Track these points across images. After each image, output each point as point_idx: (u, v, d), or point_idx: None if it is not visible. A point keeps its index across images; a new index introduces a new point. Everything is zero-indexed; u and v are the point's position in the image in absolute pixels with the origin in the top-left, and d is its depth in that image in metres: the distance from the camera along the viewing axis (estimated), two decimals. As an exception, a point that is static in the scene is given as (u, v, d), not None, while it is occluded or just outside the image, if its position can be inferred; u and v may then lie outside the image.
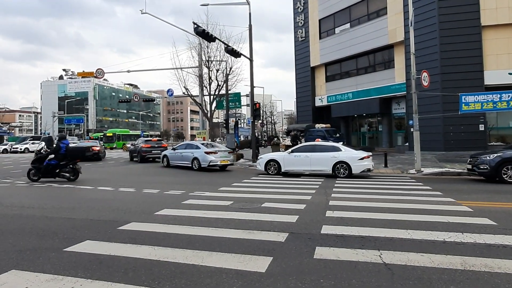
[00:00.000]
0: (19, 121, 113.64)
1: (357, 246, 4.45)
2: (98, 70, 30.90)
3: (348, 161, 12.75)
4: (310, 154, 13.54)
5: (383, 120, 26.09)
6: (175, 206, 7.23)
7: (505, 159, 10.88)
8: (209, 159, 15.98)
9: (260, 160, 14.85)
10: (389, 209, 6.76)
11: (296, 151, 14.08)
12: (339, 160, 12.87)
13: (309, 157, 13.46)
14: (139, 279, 3.45)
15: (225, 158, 16.65)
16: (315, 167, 13.41)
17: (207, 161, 15.96)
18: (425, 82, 14.18)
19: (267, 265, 3.80)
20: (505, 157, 10.93)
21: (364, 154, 13.08)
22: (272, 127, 70.22)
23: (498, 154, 11.13)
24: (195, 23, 17.38)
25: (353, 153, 13.19)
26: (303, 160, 13.56)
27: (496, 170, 10.89)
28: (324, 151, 13.38)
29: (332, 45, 27.86)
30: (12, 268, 3.73)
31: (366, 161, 12.83)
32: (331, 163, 12.95)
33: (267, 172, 14.23)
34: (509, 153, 11.11)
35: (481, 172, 11.30)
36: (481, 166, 11.26)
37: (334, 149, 13.40)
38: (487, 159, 11.17)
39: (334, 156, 13.00)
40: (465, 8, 19.65)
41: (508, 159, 10.88)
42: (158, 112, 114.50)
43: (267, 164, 14.30)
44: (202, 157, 16.22)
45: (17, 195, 9.12)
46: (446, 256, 4.05)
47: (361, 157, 12.83)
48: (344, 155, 12.97)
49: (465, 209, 6.80)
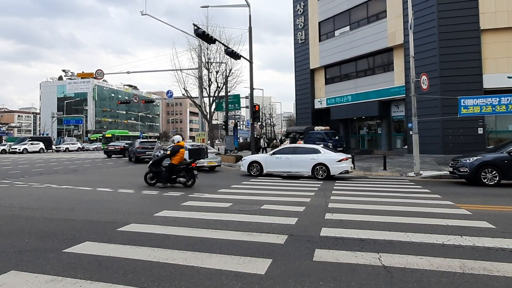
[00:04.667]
0: (18, 121, 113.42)
1: (356, 248, 4.46)
2: (98, 71, 30.93)
3: (326, 163, 13.02)
4: (291, 156, 13.78)
5: (382, 123, 26.13)
6: (174, 208, 7.24)
7: (484, 162, 11.05)
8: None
9: (243, 161, 15.04)
10: (388, 212, 6.78)
11: (278, 153, 14.30)
12: (318, 162, 13.16)
13: (289, 159, 13.70)
14: (139, 280, 3.46)
15: (211, 160, 17.01)
16: (295, 168, 13.61)
17: None
18: (424, 85, 14.22)
19: (267, 267, 3.81)
20: (484, 160, 11.09)
21: (342, 157, 13.35)
22: (272, 129, 70.26)
23: (478, 157, 11.30)
24: (195, 25, 17.42)
25: (332, 155, 13.38)
26: (284, 162, 13.78)
27: (476, 173, 11.05)
28: (304, 153, 13.62)
29: (331, 47, 27.92)
30: (11, 269, 3.73)
31: (344, 163, 13.10)
32: (311, 165, 13.21)
33: (249, 173, 14.44)
34: (489, 156, 11.28)
35: (461, 175, 11.50)
36: (461, 169, 11.44)
37: (314, 151, 13.64)
38: (467, 162, 11.34)
39: (314, 158, 13.26)
40: (464, 12, 19.73)
41: (487, 163, 11.04)
42: (157, 113, 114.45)
43: (250, 166, 14.53)
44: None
45: (16, 196, 9.10)
46: (445, 259, 4.06)
47: (339, 159, 13.09)
48: (323, 157, 13.23)
49: (463, 212, 6.82)
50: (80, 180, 12.63)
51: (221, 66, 25.70)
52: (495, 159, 11.01)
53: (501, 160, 10.91)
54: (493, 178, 10.89)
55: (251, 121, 21.53)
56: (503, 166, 10.83)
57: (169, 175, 10.72)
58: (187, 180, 10.79)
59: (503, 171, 10.83)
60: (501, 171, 10.84)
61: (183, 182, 10.75)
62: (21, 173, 15.83)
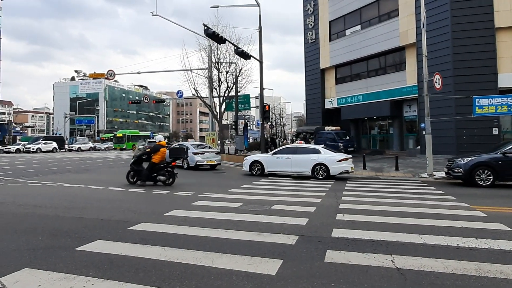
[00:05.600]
0: (32, 121, 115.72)
1: (369, 250, 4.39)
2: (109, 71, 31.31)
3: (326, 163, 13.09)
4: (291, 156, 13.87)
5: (394, 123, 25.81)
6: (184, 207, 7.26)
7: (478, 163, 10.98)
8: (196, 159, 17.11)
9: (245, 161, 15.21)
10: (401, 213, 6.67)
11: (279, 153, 14.44)
12: (318, 162, 13.22)
13: (290, 159, 13.80)
14: (150, 279, 3.46)
15: (211, 158, 17.71)
16: (296, 168, 13.71)
17: (194, 161, 17.11)
18: (438, 85, 13.98)
19: (278, 267, 3.77)
20: (478, 161, 11.03)
21: (342, 157, 13.37)
22: (281, 129, 70.11)
23: (472, 158, 11.24)
24: (205, 25, 17.47)
25: (332, 155, 13.41)
26: (284, 161, 13.90)
27: (470, 174, 10.96)
28: (305, 153, 13.69)
29: (342, 47, 27.71)
30: (25, 267, 3.78)
31: (344, 163, 13.14)
32: (311, 165, 13.28)
33: (251, 173, 14.60)
34: (483, 157, 11.20)
35: (456, 175, 11.46)
36: (456, 169, 11.39)
37: (314, 151, 13.71)
38: (461, 163, 11.29)
39: (314, 158, 13.33)
40: (478, 10, 19.35)
41: (481, 163, 10.96)
42: (167, 113, 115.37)
43: (252, 165, 14.69)
44: (190, 158, 17.18)
45: (30, 194, 9.26)
46: (460, 261, 3.97)
47: (339, 160, 13.15)
48: (323, 157, 13.28)
49: (478, 214, 6.67)
50: (92, 179, 12.79)
51: (231, 66, 25.69)
52: (489, 159, 10.92)
53: (495, 161, 10.82)
54: (487, 179, 10.81)
55: (261, 121, 21.50)
56: (498, 167, 10.72)
57: (150, 173, 10.98)
58: (167, 178, 11.04)
59: (497, 172, 10.72)
60: (495, 171, 10.73)
61: (163, 180, 10.99)
62: (35, 172, 16.11)
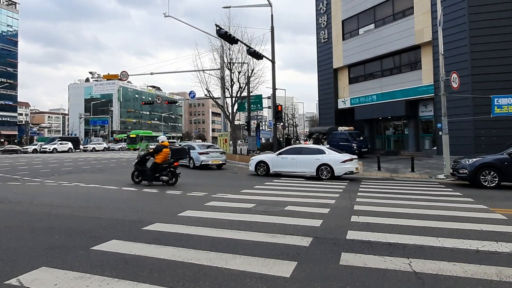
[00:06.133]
0: (48, 122, 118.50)
1: (385, 253, 4.30)
2: (123, 72, 31.71)
3: (331, 164, 13.13)
4: (296, 156, 13.99)
5: (409, 123, 25.37)
6: (198, 208, 7.27)
7: (483, 164, 10.82)
8: (201, 159, 17.67)
9: (251, 161, 15.45)
10: (417, 215, 6.52)
11: (284, 153, 14.52)
12: (322, 163, 13.27)
13: (295, 159, 13.91)
14: (164, 279, 3.46)
15: (216, 158, 18.16)
16: (300, 168, 13.78)
17: (200, 160, 17.67)
18: (455, 84, 13.67)
19: (292, 270, 3.73)
20: (483, 162, 10.87)
21: (347, 157, 13.38)
22: (294, 129, 69.87)
23: (477, 159, 11.09)
24: (218, 26, 17.53)
25: (336, 156, 13.46)
26: (289, 162, 14.01)
27: (475, 175, 10.83)
28: (309, 154, 13.78)
29: (355, 46, 27.40)
30: (42, 265, 3.84)
31: (349, 163, 13.16)
32: (315, 165, 13.33)
33: (257, 173, 14.82)
34: (488, 157, 11.03)
35: (461, 176, 11.34)
36: (461, 170, 11.25)
37: (319, 152, 13.80)
38: (466, 164, 11.14)
39: (318, 159, 13.39)
40: (496, 7, 18.84)
41: (486, 164, 10.81)
42: (180, 114, 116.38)
43: (257, 165, 14.87)
44: (196, 157, 17.76)
45: (46, 194, 9.45)
46: (480, 266, 3.85)
47: (344, 160, 13.18)
48: (327, 157, 13.33)
49: (499, 217, 6.48)
50: (107, 179, 12.97)
51: (243, 67, 25.75)
52: (494, 160, 10.76)
53: (501, 162, 10.65)
54: (492, 180, 10.64)
55: (274, 122, 21.45)
56: (503, 168, 10.54)
57: (153, 173, 11.08)
58: (170, 178, 11.13)
59: (503, 173, 10.55)
60: (500, 173, 10.56)
61: (166, 180, 11.08)
62: (51, 172, 16.45)
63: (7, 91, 68.74)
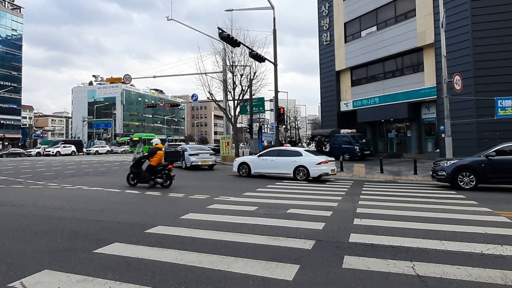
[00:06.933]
0: (52, 125, 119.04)
1: (388, 256, 4.28)
2: (126, 76, 31.86)
3: (306, 165, 13.62)
4: (275, 158, 14.56)
5: (412, 126, 25.31)
6: (200, 211, 7.26)
7: (461, 166, 11.03)
8: (191, 160, 18.94)
9: (235, 162, 16.09)
10: (420, 218, 6.49)
11: (264, 155, 15.13)
12: (299, 164, 13.77)
13: (274, 161, 14.51)
14: (166, 283, 3.46)
15: (206, 159, 19.43)
16: (278, 170, 14.36)
17: (190, 161, 18.92)
18: (458, 86, 13.63)
19: (294, 273, 3.71)
20: (461, 164, 11.08)
21: (322, 159, 13.76)
22: (296, 132, 69.81)
23: (455, 161, 11.30)
24: (220, 28, 17.58)
25: (312, 158, 13.87)
26: (269, 163, 14.63)
27: (453, 177, 11.07)
28: (287, 156, 14.31)
29: (358, 48, 27.41)
30: (45, 268, 3.84)
31: (324, 165, 13.59)
32: (292, 167, 13.87)
33: (239, 173, 15.47)
34: (466, 160, 11.22)
35: (440, 178, 11.54)
36: (439, 172, 11.47)
37: (296, 154, 14.26)
38: (444, 166, 11.34)
39: (295, 161, 13.91)
40: (499, 8, 18.80)
41: (464, 166, 11.00)
42: (182, 117, 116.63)
43: (240, 166, 15.53)
44: (187, 158, 19.09)
45: (49, 197, 9.47)
46: (484, 269, 3.82)
47: (319, 162, 13.59)
48: (304, 159, 13.81)
49: (503, 220, 6.43)
50: (109, 182, 12.99)
51: (246, 69, 25.78)
52: (472, 162, 10.97)
53: (478, 164, 10.84)
54: (469, 182, 10.87)
55: (276, 124, 21.44)
56: (480, 170, 10.74)
57: (149, 175, 11.27)
58: (165, 180, 11.30)
59: (479, 175, 10.75)
60: (477, 174, 10.77)
61: (161, 182, 11.26)
62: (54, 175, 16.51)
63: (11, 95, 69.23)
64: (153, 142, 12.04)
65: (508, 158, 10.59)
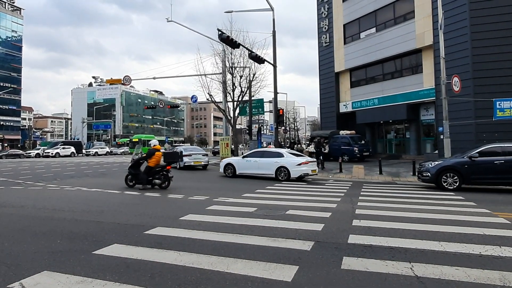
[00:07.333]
0: (51, 126, 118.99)
1: (387, 257, 4.29)
2: (125, 77, 31.81)
3: (287, 166, 14.08)
4: (258, 159, 15.08)
5: (410, 127, 25.35)
6: (199, 212, 7.27)
7: (444, 167, 11.23)
8: (184, 160, 19.91)
9: (221, 163, 16.64)
10: (419, 219, 6.50)
11: (248, 156, 15.66)
12: (280, 165, 14.24)
13: (257, 162, 15.03)
14: (165, 284, 3.46)
15: (198, 159, 20.47)
16: (261, 170, 14.83)
17: (183, 162, 19.91)
18: (456, 87, 13.68)
19: (293, 274, 3.72)
20: (445, 165, 11.28)
21: (302, 160, 14.24)
22: (295, 133, 69.84)
23: (439, 162, 11.53)
24: (220, 30, 17.60)
25: (293, 159, 14.33)
26: (252, 164, 15.13)
27: (437, 178, 11.25)
28: (270, 157, 14.78)
29: (357, 50, 27.47)
30: (44, 269, 3.85)
31: (304, 166, 14.06)
32: (274, 167, 14.36)
33: (225, 174, 15.96)
34: (449, 161, 11.48)
35: (424, 179, 11.73)
36: (424, 173, 11.68)
37: (278, 155, 14.74)
38: (429, 167, 11.54)
39: (277, 162, 14.41)
40: (498, 10, 18.87)
41: (448, 167, 11.20)
42: (182, 118, 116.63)
43: (225, 167, 16.04)
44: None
45: (49, 198, 9.47)
46: (483, 270, 3.83)
47: (299, 163, 14.05)
48: (285, 161, 14.28)
49: (502, 221, 6.45)
50: (109, 183, 12.99)
51: (245, 71, 25.84)
52: (455, 164, 11.18)
53: (461, 165, 11.02)
54: (453, 183, 11.05)
55: (275, 126, 21.46)
56: (463, 171, 10.95)
57: (147, 176, 11.30)
58: (163, 182, 11.36)
59: (463, 176, 10.95)
60: (461, 175, 10.96)
61: (159, 183, 11.34)
62: (54, 176, 16.50)
63: (11, 96, 69.18)
64: (151, 143, 12.03)
65: (490, 159, 10.81)
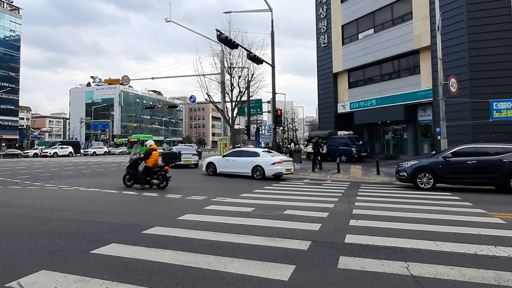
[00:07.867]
0: (49, 126, 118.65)
1: (383, 256, 4.32)
2: (124, 77, 31.80)
3: (262, 165, 14.64)
4: (237, 158, 15.64)
5: (408, 127, 25.43)
6: (197, 211, 7.29)
7: (420, 167, 11.51)
8: None
9: (204, 162, 17.36)
10: (415, 219, 6.55)
11: (228, 156, 16.24)
12: (256, 164, 14.81)
13: (235, 161, 15.61)
14: (163, 283, 3.49)
15: (188, 159, 21.25)
16: (239, 169, 15.37)
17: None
18: (453, 88, 13.75)
19: (290, 273, 3.75)
20: (420, 165, 11.57)
21: (276, 160, 14.76)
22: (294, 133, 69.93)
23: (414, 162, 11.84)
24: (218, 30, 17.62)
25: (268, 159, 14.87)
26: (231, 163, 15.71)
27: (412, 177, 11.53)
28: (247, 156, 15.32)
29: (355, 51, 27.54)
30: (42, 268, 3.86)
31: (279, 165, 14.60)
32: (251, 166, 14.92)
33: (207, 172, 16.66)
34: (424, 161, 11.78)
35: (401, 178, 11.96)
36: (401, 173, 11.98)
37: (254, 154, 15.32)
38: (406, 167, 11.84)
39: (253, 161, 14.97)
40: (495, 12, 18.97)
41: (423, 167, 11.43)
42: (180, 118, 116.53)
43: (207, 166, 16.78)
44: None
45: (47, 198, 9.46)
46: (478, 270, 3.87)
47: (273, 162, 14.61)
48: (260, 160, 14.86)
49: (497, 221, 6.50)
50: (107, 183, 12.99)
51: (243, 71, 25.86)
52: (430, 164, 11.44)
53: (436, 165, 11.26)
54: (428, 182, 11.30)
55: (273, 126, 21.50)
56: (438, 171, 11.19)
57: (145, 176, 11.33)
58: (161, 182, 11.38)
59: (437, 175, 11.20)
60: (436, 175, 11.21)
61: (157, 183, 11.36)
62: (52, 176, 16.47)
63: (9, 96, 69.01)
64: (147, 144, 11.98)
65: (463, 160, 11.03)
